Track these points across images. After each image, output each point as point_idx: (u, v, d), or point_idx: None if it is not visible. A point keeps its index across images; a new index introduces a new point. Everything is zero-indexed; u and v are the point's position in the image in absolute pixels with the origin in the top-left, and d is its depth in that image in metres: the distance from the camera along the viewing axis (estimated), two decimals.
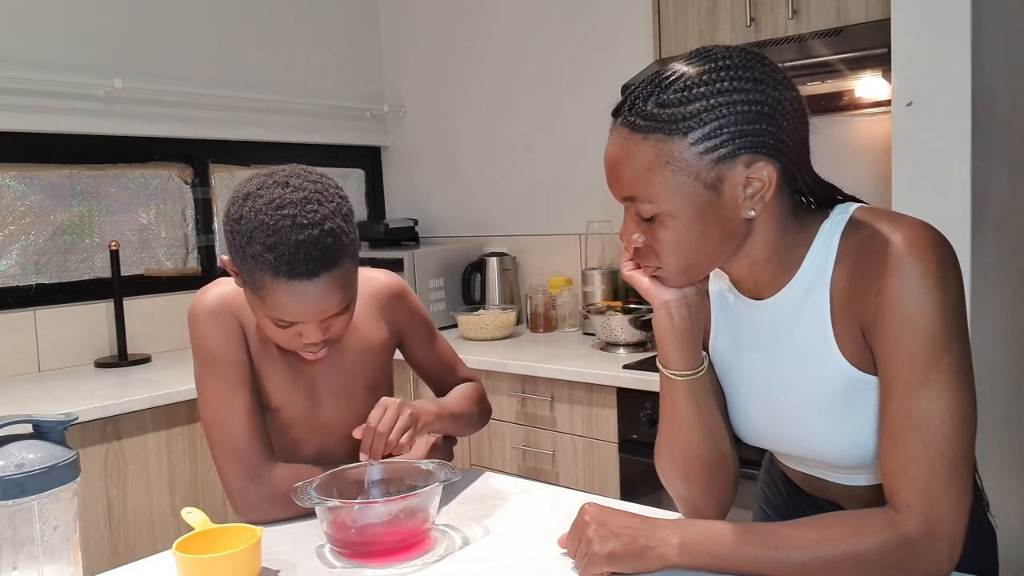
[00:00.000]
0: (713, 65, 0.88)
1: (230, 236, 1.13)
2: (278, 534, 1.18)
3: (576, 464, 2.28)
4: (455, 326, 2.90)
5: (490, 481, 1.37)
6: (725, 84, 0.86)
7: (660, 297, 0.99)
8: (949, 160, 1.60)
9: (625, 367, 2.17)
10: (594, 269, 2.76)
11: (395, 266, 2.94)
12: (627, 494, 2.13)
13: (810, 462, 1.04)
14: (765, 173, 0.88)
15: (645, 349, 2.41)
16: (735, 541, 0.89)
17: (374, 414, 1.19)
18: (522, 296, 3.08)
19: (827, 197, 0.97)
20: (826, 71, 1.91)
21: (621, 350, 2.42)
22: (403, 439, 1.19)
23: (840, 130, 2.37)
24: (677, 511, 1.14)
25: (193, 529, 1.07)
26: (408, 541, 1.08)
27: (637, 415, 2.11)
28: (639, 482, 2.14)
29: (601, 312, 2.52)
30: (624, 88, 2.12)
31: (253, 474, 1.20)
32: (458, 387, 1.46)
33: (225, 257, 1.18)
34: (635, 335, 2.40)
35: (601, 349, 2.48)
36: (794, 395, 0.98)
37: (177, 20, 2.86)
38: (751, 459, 1.13)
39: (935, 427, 0.83)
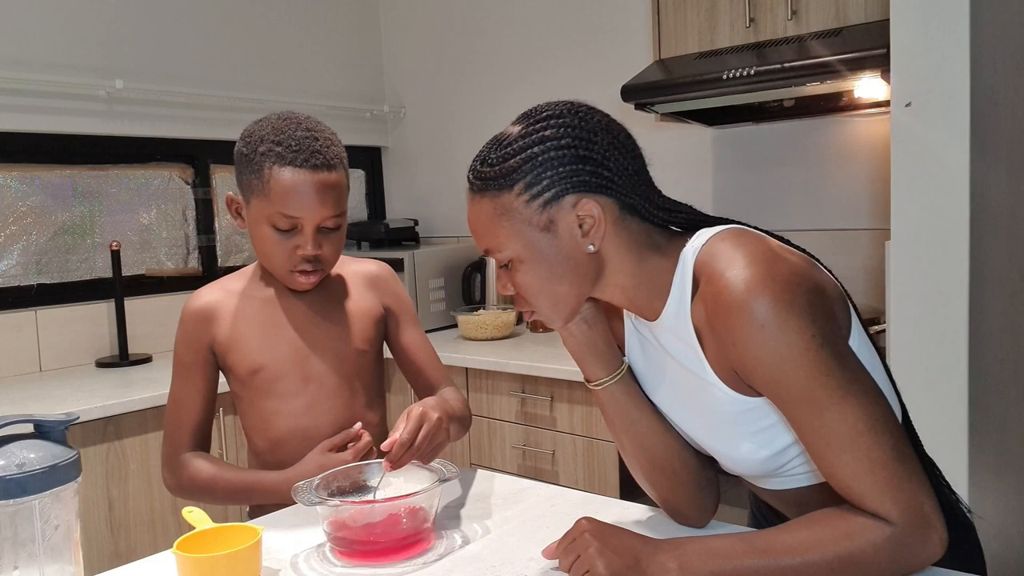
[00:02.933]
0: (530, 120, 0.97)
1: (242, 149, 1.30)
2: (278, 534, 1.19)
3: (576, 464, 2.28)
4: (455, 326, 2.91)
5: (490, 481, 1.37)
6: (538, 135, 0.94)
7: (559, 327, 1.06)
8: (948, 160, 1.60)
9: None
10: None
11: (395, 266, 2.93)
12: (627, 494, 2.14)
13: (733, 470, 1.06)
14: (593, 210, 0.94)
15: None
16: (732, 554, 0.89)
17: (399, 424, 1.17)
18: None
19: (686, 221, 1.00)
20: (825, 72, 1.91)
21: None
22: (430, 450, 1.18)
23: (840, 130, 2.37)
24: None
25: (193, 529, 1.07)
26: (408, 541, 1.09)
27: None
28: None
29: None
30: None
31: (171, 462, 1.37)
32: (448, 390, 1.46)
33: (231, 193, 1.35)
34: None
35: None
36: (691, 414, 1.02)
37: (177, 20, 2.86)
38: None
39: (856, 440, 0.85)
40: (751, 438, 0.97)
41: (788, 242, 1.00)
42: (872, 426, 0.85)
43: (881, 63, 1.79)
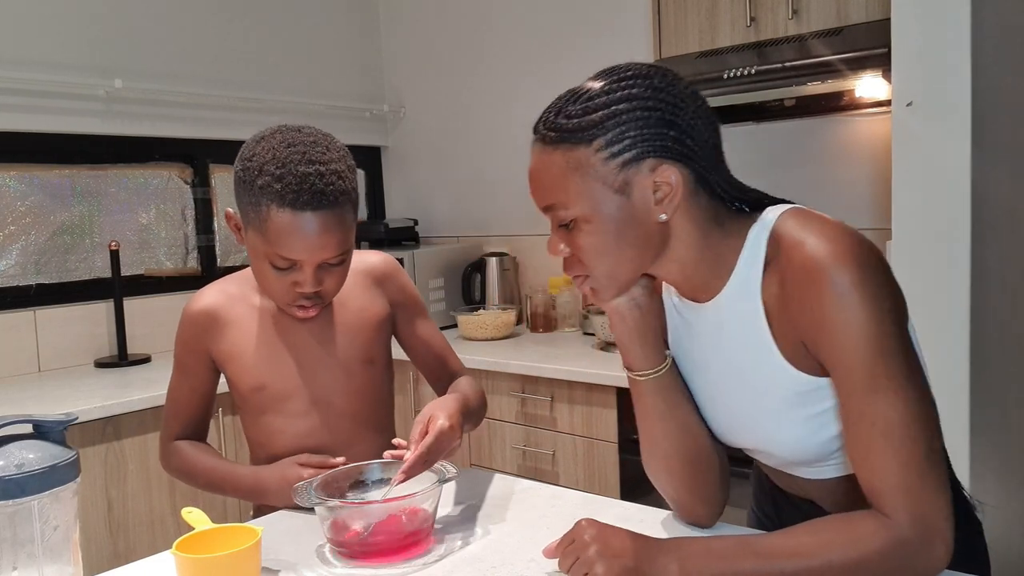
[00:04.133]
0: (615, 77, 0.92)
1: (240, 175, 1.21)
2: (278, 534, 1.18)
3: (576, 464, 2.28)
4: (455, 326, 2.90)
5: (490, 481, 1.37)
6: (625, 92, 0.90)
7: (609, 304, 1.02)
8: (949, 160, 1.60)
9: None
10: None
11: None
12: (627, 494, 2.13)
13: (773, 458, 1.05)
14: (671, 177, 0.91)
15: None
16: (733, 556, 0.88)
17: (414, 434, 1.16)
18: (522, 296, 3.08)
19: (751, 201, 0.98)
20: (826, 71, 1.91)
21: None
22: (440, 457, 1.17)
23: (840, 130, 2.37)
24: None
25: (193, 529, 1.07)
26: (408, 542, 1.08)
27: None
28: (639, 482, 2.14)
29: (601, 312, 2.52)
30: None
31: (165, 447, 1.40)
32: (464, 380, 1.45)
33: (230, 210, 1.28)
34: None
35: (601, 349, 2.48)
36: (744, 397, 1.00)
37: (177, 20, 2.86)
38: (741, 457, 1.13)
39: (899, 431, 0.84)
40: (806, 423, 0.95)
41: None
42: (917, 421, 0.85)
43: (882, 62, 1.78)
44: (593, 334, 2.58)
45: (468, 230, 3.32)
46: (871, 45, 1.83)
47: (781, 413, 0.96)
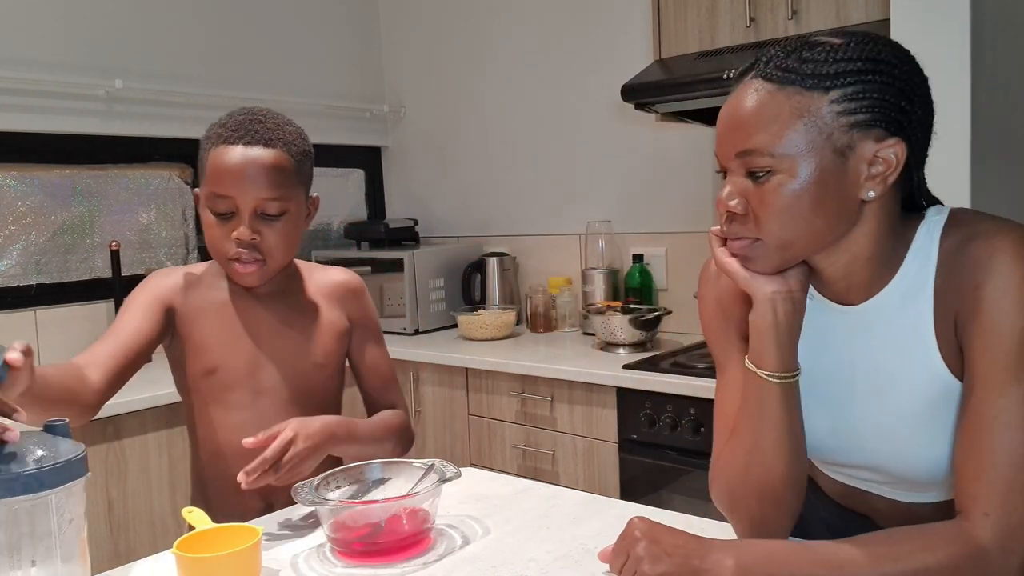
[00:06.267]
0: (859, 38, 0.86)
1: (201, 146, 1.28)
2: (278, 534, 1.19)
3: (576, 464, 2.28)
4: (455, 326, 2.90)
5: (490, 481, 1.37)
6: (873, 53, 0.84)
7: (763, 290, 0.91)
8: (949, 160, 1.60)
9: (625, 367, 2.17)
10: (594, 269, 2.75)
11: (395, 266, 2.94)
12: (627, 494, 2.13)
13: (877, 474, 0.99)
14: (894, 153, 0.84)
15: (645, 349, 2.41)
16: (795, 561, 0.84)
17: (271, 443, 1.15)
18: (522, 296, 3.08)
19: (925, 202, 0.94)
20: None
21: (621, 350, 2.42)
22: (288, 475, 1.15)
23: None
24: (693, 515, 1.13)
25: (193, 529, 1.07)
26: (408, 541, 1.08)
27: (637, 415, 2.11)
28: (639, 482, 2.14)
29: (601, 312, 2.52)
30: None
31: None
32: (384, 413, 1.44)
33: (196, 190, 1.32)
34: (635, 335, 2.41)
35: (601, 349, 2.48)
36: (881, 404, 0.94)
37: (177, 20, 2.86)
38: None
39: (1020, 429, 0.81)
40: (941, 431, 0.90)
41: None
42: None
43: None
44: (593, 334, 2.58)
45: (468, 230, 3.32)
46: None
47: (919, 418, 0.92)
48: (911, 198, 0.93)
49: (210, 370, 1.32)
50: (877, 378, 0.94)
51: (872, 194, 0.86)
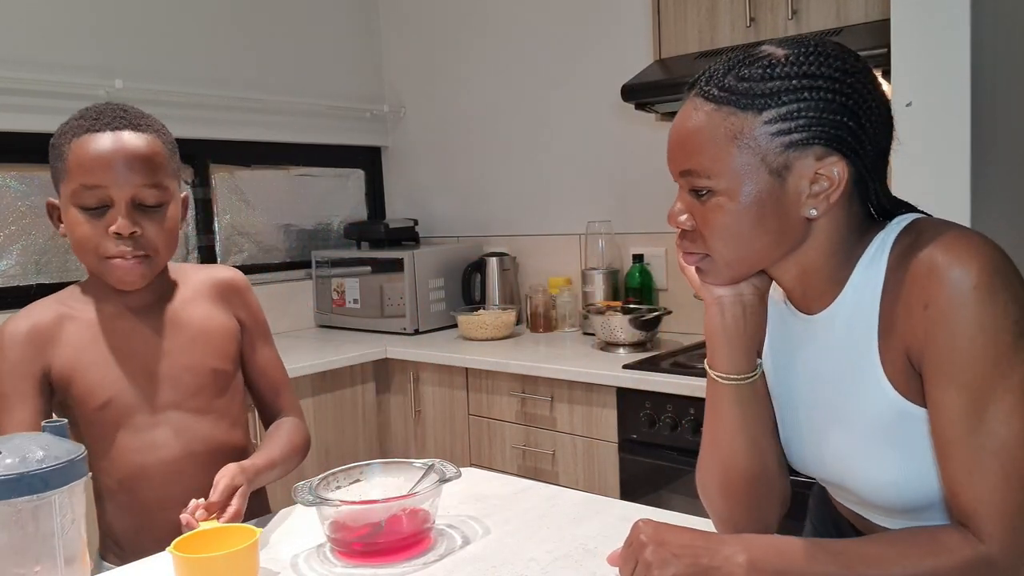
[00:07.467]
0: (803, 49, 0.84)
1: (51, 148, 1.18)
2: (278, 534, 1.19)
3: (576, 464, 2.28)
4: (455, 326, 2.90)
5: (490, 481, 1.37)
6: (812, 68, 0.82)
7: (712, 293, 0.94)
8: (949, 160, 1.60)
9: (625, 367, 2.17)
10: (594, 269, 2.75)
11: (395, 266, 2.94)
12: (627, 494, 2.13)
13: (851, 497, 0.96)
14: (836, 171, 0.83)
15: (645, 349, 2.41)
16: (805, 557, 0.82)
17: (216, 488, 1.13)
18: (522, 296, 3.08)
19: (896, 211, 0.91)
20: None
21: (621, 350, 2.42)
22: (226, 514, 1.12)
23: None
24: (693, 515, 1.13)
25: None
26: (408, 541, 1.08)
27: (637, 415, 2.11)
28: (639, 482, 2.14)
29: (601, 312, 2.52)
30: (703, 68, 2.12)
31: None
32: (287, 426, 1.37)
33: (50, 199, 1.22)
34: (635, 335, 2.40)
35: (601, 349, 2.48)
36: (838, 420, 0.92)
37: (177, 20, 2.86)
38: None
39: (1011, 451, 0.77)
40: (900, 457, 0.86)
41: None
42: None
43: (881, 63, 1.78)
44: (593, 334, 2.58)
45: (468, 230, 3.32)
46: (870, 45, 1.83)
47: (871, 440, 0.88)
48: (882, 208, 0.91)
49: (103, 405, 1.21)
50: (833, 393, 0.92)
51: (815, 212, 0.84)
